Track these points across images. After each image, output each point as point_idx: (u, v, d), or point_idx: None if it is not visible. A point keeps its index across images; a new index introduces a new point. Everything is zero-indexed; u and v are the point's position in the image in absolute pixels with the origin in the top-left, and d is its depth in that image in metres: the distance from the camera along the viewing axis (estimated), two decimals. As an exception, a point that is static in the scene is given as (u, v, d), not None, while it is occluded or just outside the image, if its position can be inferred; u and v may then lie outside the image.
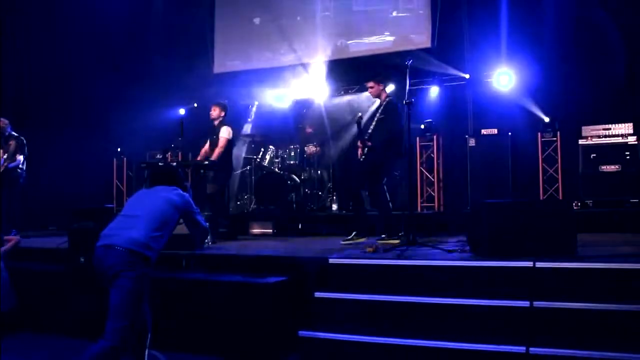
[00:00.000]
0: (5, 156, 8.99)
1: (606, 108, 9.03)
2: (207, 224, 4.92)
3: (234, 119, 12.51)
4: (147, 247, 4.18)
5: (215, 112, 8.56)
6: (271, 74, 12.00)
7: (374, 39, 11.35)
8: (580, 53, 9.36)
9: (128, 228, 4.19)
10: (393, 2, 11.20)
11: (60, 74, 11.28)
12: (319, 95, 11.80)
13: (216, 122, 8.52)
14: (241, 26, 12.60)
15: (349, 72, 11.46)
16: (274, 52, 12.18)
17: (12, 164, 9.06)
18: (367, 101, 11.40)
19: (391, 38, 11.13)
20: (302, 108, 11.88)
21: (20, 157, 9.12)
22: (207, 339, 5.44)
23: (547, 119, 9.44)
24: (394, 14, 11.19)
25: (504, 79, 9.92)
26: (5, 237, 6.96)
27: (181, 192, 4.62)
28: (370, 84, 7.35)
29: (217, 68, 12.81)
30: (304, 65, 11.81)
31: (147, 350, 4.58)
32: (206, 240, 7.04)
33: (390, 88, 9.04)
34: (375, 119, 7.24)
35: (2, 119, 9.19)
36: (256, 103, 12.23)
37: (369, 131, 7.23)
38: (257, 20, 12.45)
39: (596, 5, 9.20)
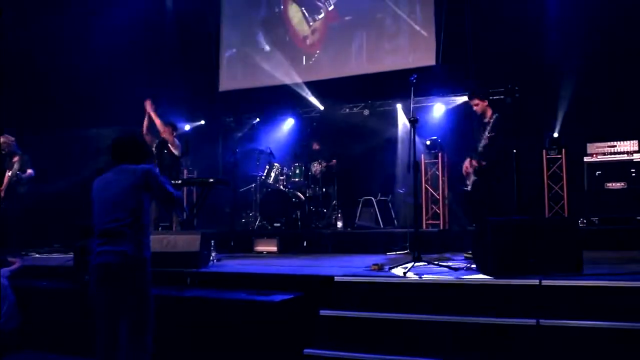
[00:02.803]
0: (9, 173, 9.02)
1: (611, 125, 9.03)
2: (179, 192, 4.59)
3: (237, 137, 12.66)
4: (143, 250, 4.15)
5: (168, 130, 8.91)
6: (276, 92, 12.08)
7: (380, 57, 11.40)
8: (584, 70, 9.37)
9: (118, 240, 4.07)
10: (399, 21, 11.25)
11: (66, 91, 11.33)
12: (324, 112, 11.86)
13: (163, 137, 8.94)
14: (247, 44, 12.69)
15: (355, 89, 11.50)
16: (279, 70, 12.23)
17: (26, 176, 9.10)
18: (373, 118, 11.51)
19: (397, 56, 11.17)
20: (308, 125, 11.93)
21: (31, 171, 9.17)
22: (211, 357, 5.42)
23: (556, 134, 9.45)
24: (400, 32, 11.25)
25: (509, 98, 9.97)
26: (10, 259, 7.03)
27: (143, 166, 4.27)
28: (475, 101, 7.24)
29: (223, 86, 12.87)
30: (310, 83, 11.87)
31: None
32: (211, 257, 7.05)
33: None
34: (486, 136, 6.99)
35: (7, 135, 9.23)
36: (257, 120, 12.32)
37: (479, 149, 7.06)
38: (263, 42, 12.55)
39: (600, 22, 9.22)
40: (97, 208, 4.22)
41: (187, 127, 12.52)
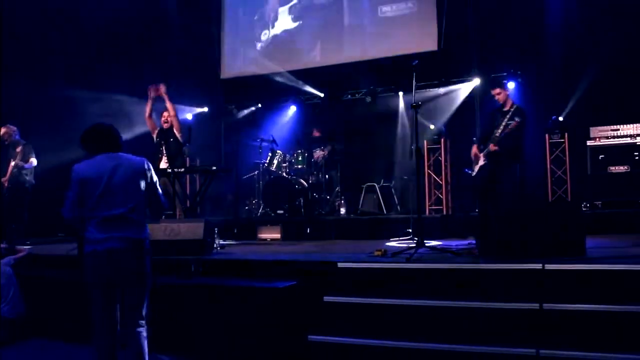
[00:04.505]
0: (13, 163, 9.04)
1: (614, 109, 9.00)
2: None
3: (239, 125, 12.66)
4: (143, 231, 4.24)
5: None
6: (278, 79, 12.05)
7: (381, 42, 11.33)
8: (587, 53, 9.33)
9: (122, 226, 4.12)
10: (400, 6, 11.17)
11: (68, 79, 11.31)
12: (327, 99, 11.84)
13: (166, 126, 8.83)
14: (248, 32, 12.65)
15: (357, 75, 11.47)
16: (280, 58, 12.20)
17: (28, 166, 9.12)
18: (375, 104, 11.50)
19: (398, 41, 11.09)
20: (309, 112, 11.91)
21: (34, 160, 9.18)
22: (215, 344, 5.44)
23: (560, 118, 9.43)
24: (401, 17, 11.17)
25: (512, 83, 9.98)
26: (17, 247, 7.07)
27: (140, 157, 4.36)
28: (497, 90, 7.36)
29: (225, 73, 12.83)
30: (311, 70, 11.83)
31: (154, 354, 4.58)
32: (215, 245, 7.06)
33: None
34: (503, 124, 7.18)
35: (10, 125, 9.24)
36: (259, 105, 12.33)
37: (496, 136, 7.21)
38: (263, 30, 12.51)
39: (603, 4, 9.18)
40: (96, 194, 4.14)
41: (190, 116, 12.51)
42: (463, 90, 10.75)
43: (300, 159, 10.62)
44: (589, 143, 8.74)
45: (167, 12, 12.75)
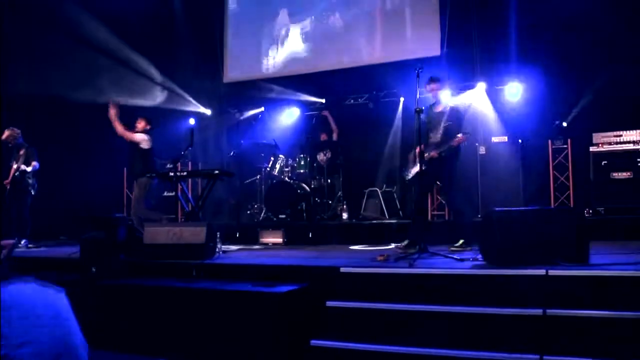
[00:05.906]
0: (15, 166, 9.06)
1: (617, 115, 8.98)
2: None
3: (241, 129, 12.66)
4: None
5: (140, 124, 8.77)
6: (281, 83, 12.05)
7: (383, 47, 11.32)
8: (590, 59, 9.32)
9: None
10: (402, 10, 11.17)
11: (70, 83, 11.32)
12: (330, 104, 11.83)
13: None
14: (252, 35, 12.65)
15: (360, 80, 11.47)
16: (283, 62, 12.21)
17: (30, 169, 9.12)
18: (377, 109, 11.49)
19: (401, 46, 11.09)
20: (313, 116, 11.92)
21: (36, 164, 9.18)
22: (217, 349, 5.43)
23: (564, 123, 9.43)
24: (404, 22, 11.17)
25: (515, 88, 9.98)
26: (2, 243, 6.93)
27: None
28: (433, 85, 7.04)
29: (227, 77, 12.84)
30: (314, 74, 11.83)
31: (157, 358, 4.56)
32: (217, 249, 7.05)
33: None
34: (442, 125, 6.88)
35: (14, 128, 9.26)
36: (262, 109, 12.34)
37: (437, 137, 6.92)
38: (267, 33, 12.51)
39: (606, 11, 9.16)
40: None
41: (192, 121, 12.49)
42: (467, 95, 10.72)
43: (302, 163, 10.63)
44: (591, 149, 8.72)
45: (173, 15, 12.78)
